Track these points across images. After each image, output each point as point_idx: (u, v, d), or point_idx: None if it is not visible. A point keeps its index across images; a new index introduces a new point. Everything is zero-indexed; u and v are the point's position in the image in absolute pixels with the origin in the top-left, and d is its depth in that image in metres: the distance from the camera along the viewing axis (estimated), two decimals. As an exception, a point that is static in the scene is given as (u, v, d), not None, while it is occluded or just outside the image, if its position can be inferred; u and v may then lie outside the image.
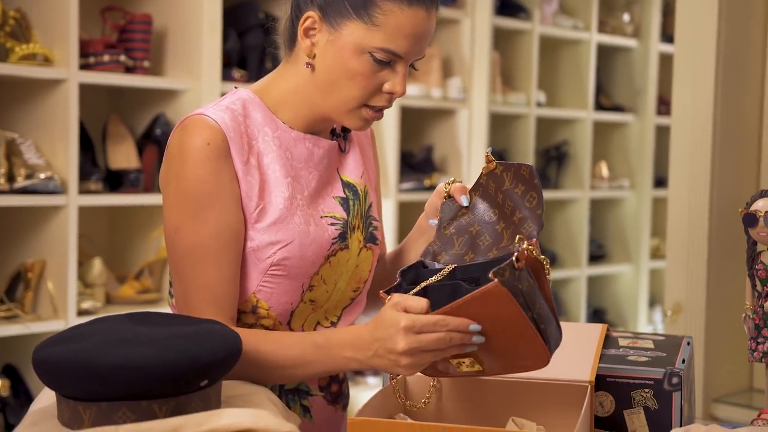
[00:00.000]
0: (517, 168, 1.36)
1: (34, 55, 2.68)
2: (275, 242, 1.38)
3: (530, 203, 1.33)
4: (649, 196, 4.70)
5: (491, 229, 1.36)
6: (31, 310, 2.74)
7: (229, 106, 1.40)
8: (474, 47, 3.84)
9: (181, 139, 1.38)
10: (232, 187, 1.37)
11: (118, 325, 1.18)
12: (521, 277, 1.19)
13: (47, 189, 2.65)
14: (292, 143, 1.43)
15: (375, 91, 1.38)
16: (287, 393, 1.46)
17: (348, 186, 1.49)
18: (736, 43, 2.51)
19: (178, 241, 1.37)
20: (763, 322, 1.39)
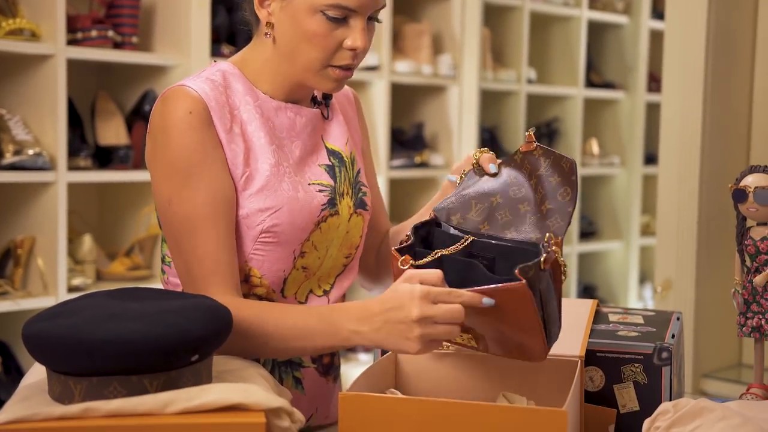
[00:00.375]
0: (558, 158, 1.32)
1: (21, 30, 2.65)
2: (264, 209, 1.38)
3: (563, 197, 1.29)
4: (639, 173, 4.71)
5: (513, 206, 1.32)
6: (21, 287, 2.73)
7: (209, 77, 1.41)
8: (464, 24, 3.83)
9: (162, 111, 1.37)
10: (218, 153, 1.37)
11: (107, 301, 1.18)
12: (542, 278, 1.19)
13: (36, 165, 2.64)
14: (273, 113, 1.43)
15: (336, 50, 1.38)
16: (279, 365, 1.46)
17: (333, 153, 1.49)
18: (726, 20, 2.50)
19: (172, 212, 1.37)
20: (752, 297, 1.39)
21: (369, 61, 3.51)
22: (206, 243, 1.35)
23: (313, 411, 1.51)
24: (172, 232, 1.38)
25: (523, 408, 1.15)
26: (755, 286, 1.38)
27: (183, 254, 1.37)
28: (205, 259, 1.35)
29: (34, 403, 1.11)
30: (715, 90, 2.50)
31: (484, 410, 1.13)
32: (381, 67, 3.56)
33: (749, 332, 1.40)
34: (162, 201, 1.38)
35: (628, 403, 1.34)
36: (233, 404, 1.09)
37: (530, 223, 1.30)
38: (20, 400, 1.13)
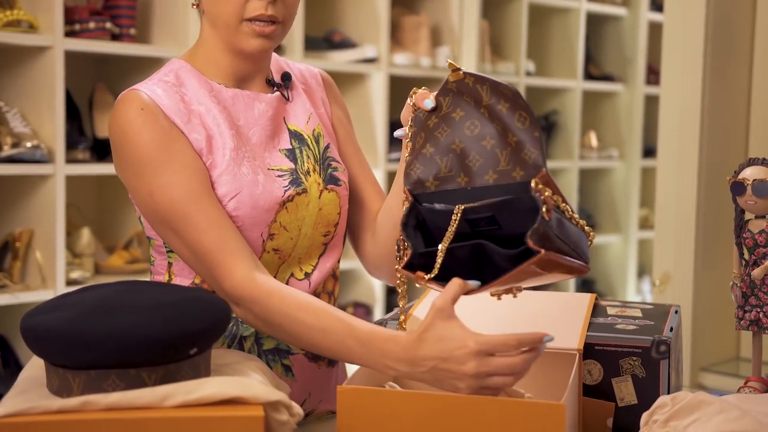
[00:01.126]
0: (494, 84, 1.24)
1: (18, 21, 2.65)
2: (225, 194, 1.38)
3: (522, 123, 1.22)
4: (638, 166, 4.70)
5: (477, 145, 1.25)
6: (20, 280, 2.73)
7: (161, 79, 1.43)
8: (463, 16, 3.82)
9: (115, 116, 1.40)
10: (182, 139, 1.38)
11: (106, 294, 1.18)
12: (551, 223, 1.16)
13: (34, 158, 2.64)
14: (230, 102, 1.44)
15: (245, 1, 1.39)
16: (267, 353, 1.46)
17: (294, 135, 1.49)
18: (725, 12, 2.50)
19: (157, 204, 1.37)
20: (750, 290, 1.39)
21: (367, 54, 3.51)
22: (204, 216, 1.35)
23: (306, 397, 1.50)
24: (164, 223, 1.37)
25: (522, 401, 1.15)
26: (753, 279, 1.38)
27: (184, 240, 1.36)
28: (208, 232, 1.34)
29: (32, 396, 1.11)
30: (714, 83, 2.49)
31: (483, 403, 1.13)
32: (379, 60, 3.55)
33: (747, 325, 1.40)
34: (143, 198, 1.38)
35: (627, 397, 1.34)
36: (232, 398, 1.09)
37: (505, 159, 1.23)
38: (18, 393, 1.13)
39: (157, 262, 1.47)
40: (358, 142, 1.65)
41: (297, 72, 1.57)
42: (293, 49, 3.28)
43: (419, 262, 1.23)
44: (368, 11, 3.59)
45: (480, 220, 1.22)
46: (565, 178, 4.42)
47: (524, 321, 1.40)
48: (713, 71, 2.49)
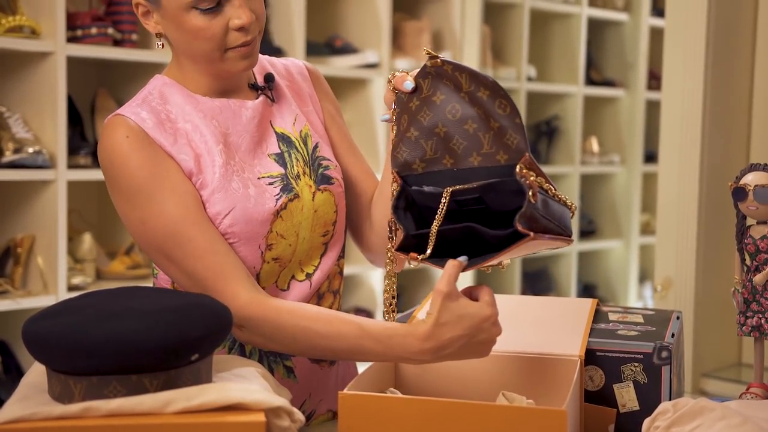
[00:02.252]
0: (473, 74, 1.26)
1: (20, 27, 2.65)
2: (219, 212, 1.38)
3: (503, 110, 1.25)
4: (639, 172, 4.70)
5: (460, 128, 1.27)
6: (21, 286, 2.73)
7: (145, 98, 1.43)
8: (464, 21, 3.83)
9: (102, 144, 1.40)
10: (170, 163, 1.38)
11: (107, 300, 1.18)
12: (537, 205, 1.21)
13: (36, 163, 2.64)
14: (218, 111, 1.44)
15: (224, 35, 1.38)
16: (268, 355, 1.46)
17: (282, 138, 1.48)
18: (726, 17, 2.50)
19: (150, 230, 1.37)
20: (751, 296, 1.39)
21: (369, 59, 3.51)
22: (198, 243, 1.35)
23: (306, 397, 1.50)
24: (159, 250, 1.37)
25: (523, 407, 1.15)
26: (755, 285, 1.38)
27: (180, 267, 1.36)
28: (204, 258, 1.34)
29: (33, 402, 1.11)
30: (715, 88, 2.49)
31: (484, 410, 1.13)
32: (381, 65, 3.56)
33: (749, 331, 1.40)
34: (136, 225, 1.38)
35: (628, 403, 1.34)
36: (233, 403, 1.09)
37: (488, 142, 1.26)
38: (20, 400, 1.13)
39: (161, 275, 1.47)
40: (360, 147, 1.65)
41: (281, 68, 1.55)
42: (295, 55, 3.28)
43: (411, 243, 1.27)
44: (370, 17, 3.60)
45: (468, 201, 1.26)
46: (566, 183, 4.42)
47: (525, 327, 1.40)
48: (714, 76, 2.49)
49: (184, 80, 1.45)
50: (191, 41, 1.39)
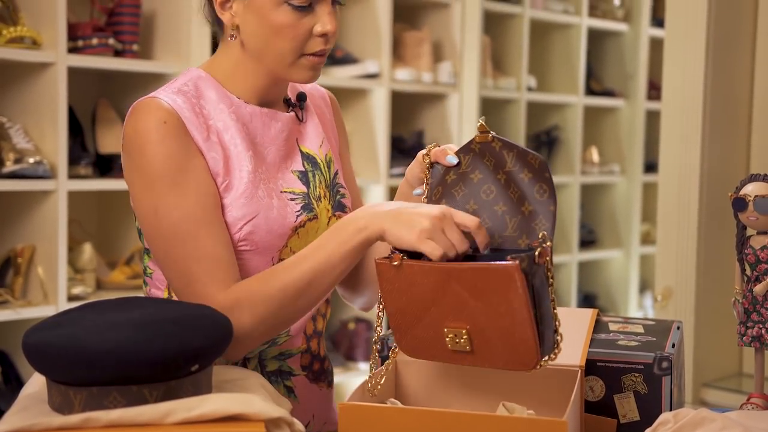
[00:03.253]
0: (523, 153, 1.25)
1: (21, 38, 2.66)
2: (241, 217, 1.37)
3: (541, 195, 1.24)
4: (639, 182, 4.71)
5: (490, 209, 1.27)
6: (21, 296, 2.73)
7: (181, 89, 1.40)
8: (464, 31, 3.84)
9: (134, 124, 1.36)
10: (199, 159, 1.36)
11: (108, 310, 1.18)
12: (537, 273, 1.17)
13: (36, 174, 2.64)
14: (248, 118, 1.42)
15: (306, 38, 1.38)
16: (270, 375, 1.46)
17: (307, 158, 1.48)
18: (726, 27, 2.51)
19: (159, 221, 1.35)
20: (752, 306, 1.39)
21: (369, 69, 3.52)
22: (203, 244, 1.33)
23: (310, 418, 1.50)
24: (161, 242, 1.36)
25: (523, 418, 1.15)
26: (755, 295, 1.38)
27: (177, 262, 1.35)
28: (204, 260, 1.33)
29: (33, 413, 1.11)
30: (715, 98, 2.50)
31: (484, 420, 1.13)
32: (381, 75, 3.56)
33: (749, 342, 1.40)
34: (146, 212, 1.36)
35: (629, 413, 1.34)
36: (233, 414, 1.09)
37: (513, 227, 1.25)
38: (20, 411, 1.13)
39: (155, 275, 1.46)
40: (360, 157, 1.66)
41: (310, 91, 1.56)
42: (295, 65, 3.29)
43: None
44: (370, 27, 3.61)
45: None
46: (566, 193, 4.42)
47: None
48: (714, 87, 2.49)
49: (224, 78, 1.43)
50: (271, 37, 1.37)
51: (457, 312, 1.20)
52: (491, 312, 1.18)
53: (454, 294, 1.20)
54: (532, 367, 1.18)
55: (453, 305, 1.20)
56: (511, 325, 1.17)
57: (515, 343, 1.18)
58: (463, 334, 1.20)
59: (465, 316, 1.20)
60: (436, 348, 1.24)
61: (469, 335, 1.20)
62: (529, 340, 1.16)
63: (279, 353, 1.47)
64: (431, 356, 1.26)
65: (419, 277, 1.21)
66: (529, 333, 1.16)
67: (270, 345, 1.45)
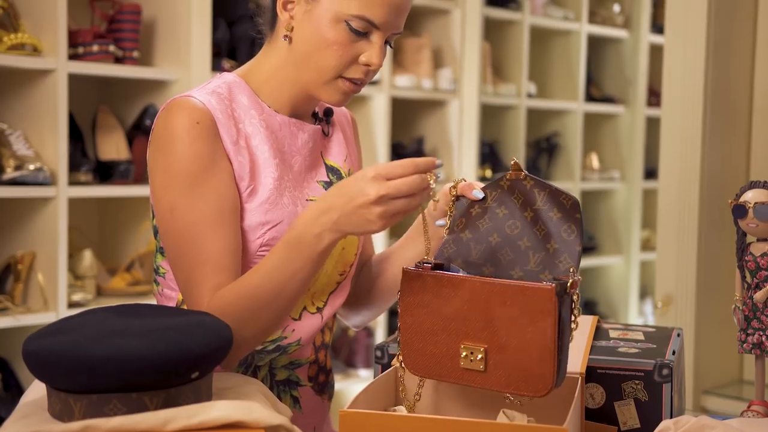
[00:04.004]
0: (555, 192, 1.26)
1: (22, 44, 2.66)
2: (265, 222, 1.38)
3: (568, 235, 1.24)
4: (639, 188, 4.71)
5: (513, 243, 1.27)
6: (21, 303, 2.73)
7: (215, 90, 1.41)
8: (464, 38, 3.84)
9: (167, 120, 1.37)
10: (225, 163, 1.37)
11: (108, 317, 1.18)
12: (565, 302, 1.17)
13: (37, 180, 2.64)
14: (278, 127, 1.43)
15: (351, 62, 1.38)
16: (278, 384, 1.46)
17: (332, 170, 1.49)
18: (726, 34, 2.51)
19: (174, 220, 1.36)
20: (752, 313, 1.39)
21: (369, 76, 3.52)
22: (211, 247, 1.34)
23: (311, 430, 1.50)
24: (173, 240, 1.37)
25: (524, 425, 1.15)
26: (756, 302, 1.38)
27: (185, 261, 1.36)
28: (210, 262, 1.34)
29: (33, 420, 1.11)
30: (715, 104, 2.50)
31: (485, 428, 1.13)
32: (381, 82, 3.57)
33: (750, 349, 1.40)
34: (163, 209, 1.37)
35: (629, 421, 1.34)
36: (233, 422, 1.09)
37: (535, 261, 1.25)
38: (20, 418, 1.13)
39: (168, 276, 1.46)
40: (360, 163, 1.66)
41: (335, 109, 1.57)
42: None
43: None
44: (370, 34, 3.61)
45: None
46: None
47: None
48: (714, 93, 2.49)
49: (258, 85, 1.44)
50: (320, 49, 1.37)
51: (479, 329, 1.20)
52: (516, 332, 1.18)
53: (480, 310, 1.20)
54: (543, 394, 1.18)
55: (476, 322, 1.21)
56: (534, 349, 1.17)
57: (533, 367, 1.18)
58: (480, 352, 1.20)
59: (486, 335, 1.20)
60: (446, 366, 1.24)
61: (486, 354, 1.21)
62: (548, 367, 1.17)
63: (289, 362, 1.47)
64: (438, 374, 1.26)
65: (448, 289, 1.22)
66: (550, 360, 1.16)
67: (281, 353, 1.46)
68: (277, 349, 1.44)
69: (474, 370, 1.22)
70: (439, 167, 1.23)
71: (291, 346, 1.46)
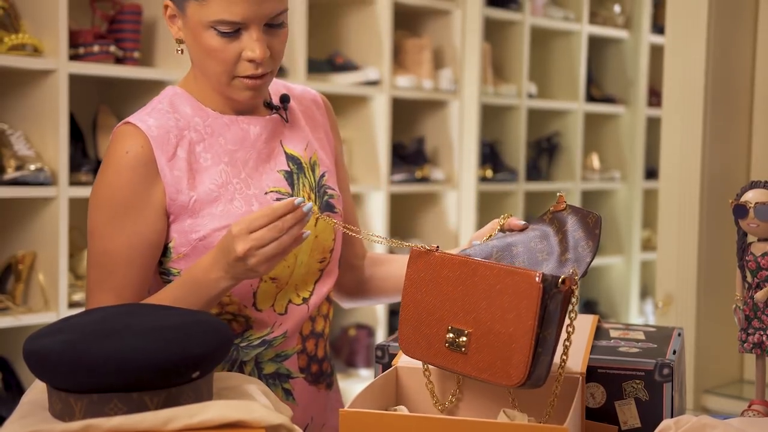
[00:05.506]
0: (585, 214, 1.34)
1: (23, 45, 2.66)
2: (220, 228, 1.40)
3: (583, 249, 1.30)
4: (640, 188, 4.71)
5: (532, 255, 1.33)
6: (22, 302, 2.73)
7: (155, 107, 1.44)
8: (465, 38, 3.84)
9: (107, 149, 1.43)
10: (152, 197, 1.40)
11: (109, 317, 1.18)
12: (554, 297, 1.19)
13: (38, 180, 2.64)
14: (225, 128, 1.44)
15: (235, 62, 1.39)
16: (267, 377, 1.46)
17: (292, 159, 1.49)
18: (726, 34, 2.51)
19: (92, 244, 1.42)
20: (753, 313, 1.39)
21: (370, 76, 3.52)
22: (116, 279, 1.40)
23: (308, 421, 1.50)
24: (89, 259, 1.43)
25: (524, 425, 1.15)
26: (756, 302, 1.38)
27: (92, 281, 1.42)
28: (112, 291, 1.40)
29: (34, 420, 1.11)
30: (716, 104, 2.50)
31: (485, 427, 1.13)
32: (382, 82, 3.57)
33: (750, 348, 1.40)
34: (88, 229, 1.43)
35: (630, 420, 1.34)
36: (234, 421, 1.09)
37: (546, 268, 1.29)
38: (20, 417, 1.13)
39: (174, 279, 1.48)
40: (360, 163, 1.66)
41: (298, 94, 1.57)
42: (296, 72, 3.29)
43: None
44: (371, 34, 3.61)
45: None
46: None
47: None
48: (714, 93, 2.49)
49: (197, 92, 1.46)
50: (204, 58, 1.40)
51: (468, 311, 1.23)
52: (499, 316, 1.20)
53: (471, 292, 1.23)
54: (514, 382, 1.19)
55: (466, 304, 1.24)
56: (513, 332, 1.19)
57: (509, 353, 1.19)
58: (465, 334, 1.23)
59: (473, 318, 1.23)
60: (434, 347, 1.26)
61: (470, 337, 1.23)
62: (523, 353, 1.18)
63: (275, 355, 1.47)
64: (426, 356, 1.28)
65: (446, 270, 1.26)
66: (526, 346, 1.18)
67: (266, 347, 1.46)
68: (263, 343, 1.45)
69: (457, 352, 1.24)
70: (301, 203, 1.30)
71: (277, 339, 1.47)
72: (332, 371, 1.58)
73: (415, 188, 3.75)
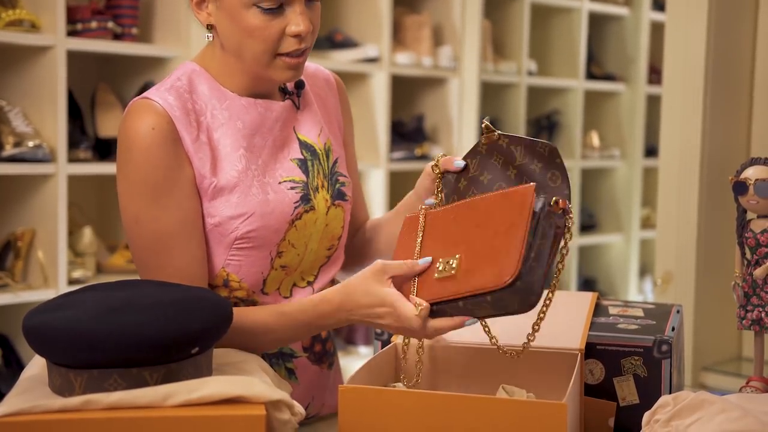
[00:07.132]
0: (531, 144, 1.27)
1: (20, 21, 2.65)
2: (236, 216, 1.37)
3: (554, 182, 1.25)
4: (639, 166, 4.70)
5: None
6: (22, 279, 2.73)
7: (173, 85, 1.40)
8: (465, 15, 3.82)
9: (125, 127, 1.36)
10: (185, 169, 1.36)
11: (108, 293, 1.18)
12: (546, 217, 1.18)
13: (36, 157, 2.64)
14: (243, 111, 1.42)
15: (279, 39, 1.36)
16: (270, 357, 1.46)
17: (305, 146, 1.47)
18: (727, 12, 2.50)
19: (140, 231, 1.36)
20: (752, 290, 1.39)
21: (369, 53, 3.51)
22: (176, 260, 1.35)
23: (309, 400, 1.51)
24: (139, 249, 1.37)
25: (523, 401, 1.15)
26: (755, 278, 1.38)
27: (150, 271, 1.37)
28: (175, 276, 1.35)
29: (34, 395, 1.11)
30: (716, 82, 2.49)
31: (484, 403, 1.14)
32: (381, 59, 3.55)
33: (749, 325, 1.40)
34: (129, 218, 1.37)
35: (628, 396, 1.34)
36: (233, 397, 1.09)
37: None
38: (20, 393, 1.13)
39: None
40: (360, 141, 1.65)
41: (310, 74, 1.55)
42: (295, 49, 3.28)
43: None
44: (370, 11, 3.59)
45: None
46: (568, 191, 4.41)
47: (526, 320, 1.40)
48: (715, 71, 2.49)
49: (217, 71, 1.42)
50: (244, 39, 1.36)
51: (457, 244, 1.24)
52: (490, 233, 1.20)
53: (461, 224, 1.25)
54: (505, 279, 1.15)
55: (455, 237, 1.25)
56: (504, 240, 1.18)
57: (500, 256, 1.17)
58: (456, 259, 1.22)
59: (464, 246, 1.23)
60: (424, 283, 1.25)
61: (460, 260, 1.22)
62: (513, 252, 1.16)
63: None
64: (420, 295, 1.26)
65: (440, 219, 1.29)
66: (517, 246, 1.16)
67: None
68: None
69: (446, 277, 1.22)
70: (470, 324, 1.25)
71: None
72: (334, 350, 1.58)
73: (415, 166, 3.75)
